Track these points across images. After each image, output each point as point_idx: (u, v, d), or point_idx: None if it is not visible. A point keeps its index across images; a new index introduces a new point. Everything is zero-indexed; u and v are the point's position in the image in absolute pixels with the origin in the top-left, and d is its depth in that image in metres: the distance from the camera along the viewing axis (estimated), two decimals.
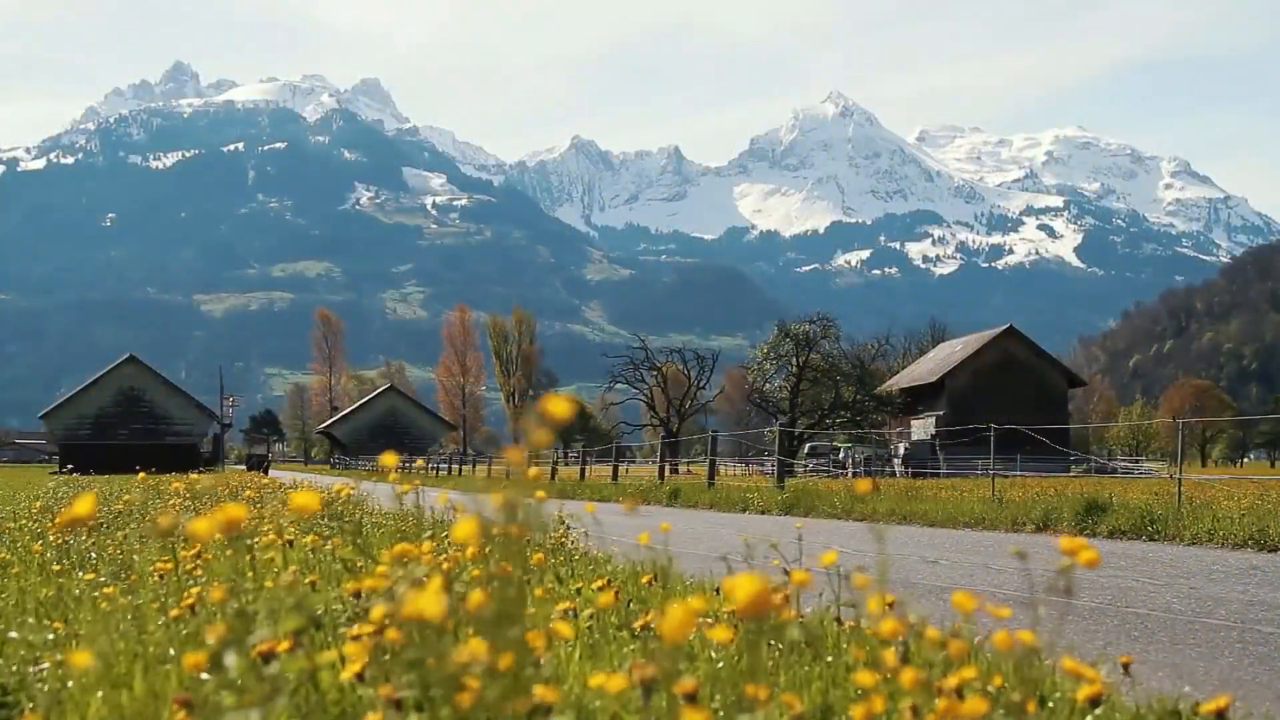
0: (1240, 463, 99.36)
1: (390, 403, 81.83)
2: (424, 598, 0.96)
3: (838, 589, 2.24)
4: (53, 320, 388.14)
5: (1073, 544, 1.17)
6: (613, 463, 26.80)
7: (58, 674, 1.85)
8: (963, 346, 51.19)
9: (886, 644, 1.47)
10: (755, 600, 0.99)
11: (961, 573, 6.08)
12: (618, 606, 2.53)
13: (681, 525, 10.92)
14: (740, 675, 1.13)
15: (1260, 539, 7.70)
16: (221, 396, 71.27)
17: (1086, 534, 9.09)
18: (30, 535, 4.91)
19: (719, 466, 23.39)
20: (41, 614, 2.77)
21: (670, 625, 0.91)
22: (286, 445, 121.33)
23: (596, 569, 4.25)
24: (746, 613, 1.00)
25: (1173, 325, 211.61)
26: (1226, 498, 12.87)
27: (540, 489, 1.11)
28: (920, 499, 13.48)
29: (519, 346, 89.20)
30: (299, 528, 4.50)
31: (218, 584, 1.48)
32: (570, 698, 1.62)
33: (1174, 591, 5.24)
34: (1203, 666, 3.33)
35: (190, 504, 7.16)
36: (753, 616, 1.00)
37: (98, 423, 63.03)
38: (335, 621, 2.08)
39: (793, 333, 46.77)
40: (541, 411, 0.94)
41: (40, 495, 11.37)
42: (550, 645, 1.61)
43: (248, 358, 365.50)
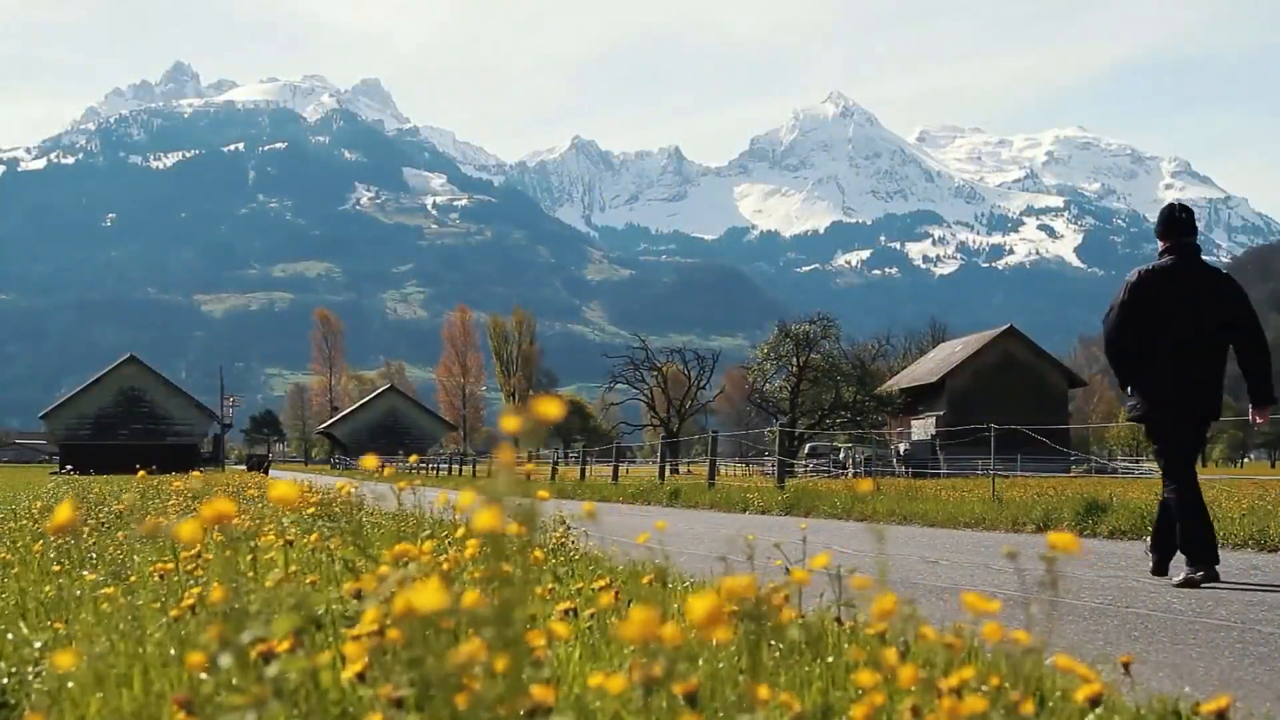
0: (1240, 463, 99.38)
1: (390, 403, 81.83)
2: (422, 592, 0.96)
3: (838, 589, 2.24)
4: (53, 320, 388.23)
5: (1060, 539, 1.17)
6: (613, 463, 26.78)
7: (57, 674, 1.85)
8: (963, 346, 51.19)
9: (887, 644, 1.47)
10: (714, 615, 1.00)
11: (962, 573, 6.08)
12: (618, 606, 2.53)
13: (682, 525, 10.91)
14: (741, 675, 1.14)
15: (1260, 539, 7.71)
16: (222, 396, 71.32)
17: (1087, 534, 9.09)
18: (30, 535, 4.91)
19: (719, 467, 23.38)
20: (42, 614, 2.77)
21: (696, 616, 0.95)
22: (287, 445, 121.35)
23: (596, 569, 4.25)
24: (706, 625, 1.01)
25: None
26: (1226, 498, 12.87)
27: (541, 489, 1.11)
28: (920, 499, 13.48)
29: (519, 347, 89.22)
30: (299, 528, 4.51)
31: (217, 584, 1.48)
32: (570, 698, 1.62)
33: (1174, 591, 5.24)
34: (1203, 666, 3.33)
35: (190, 504, 7.17)
36: (711, 628, 1.01)
37: (98, 423, 63.03)
38: (336, 621, 2.08)
39: (793, 333, 46.75)
40: (532, 411, 0.94)
41: (40, 495, 11.37)
42: (550, 645, 1.61)
43: (248, 358, 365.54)
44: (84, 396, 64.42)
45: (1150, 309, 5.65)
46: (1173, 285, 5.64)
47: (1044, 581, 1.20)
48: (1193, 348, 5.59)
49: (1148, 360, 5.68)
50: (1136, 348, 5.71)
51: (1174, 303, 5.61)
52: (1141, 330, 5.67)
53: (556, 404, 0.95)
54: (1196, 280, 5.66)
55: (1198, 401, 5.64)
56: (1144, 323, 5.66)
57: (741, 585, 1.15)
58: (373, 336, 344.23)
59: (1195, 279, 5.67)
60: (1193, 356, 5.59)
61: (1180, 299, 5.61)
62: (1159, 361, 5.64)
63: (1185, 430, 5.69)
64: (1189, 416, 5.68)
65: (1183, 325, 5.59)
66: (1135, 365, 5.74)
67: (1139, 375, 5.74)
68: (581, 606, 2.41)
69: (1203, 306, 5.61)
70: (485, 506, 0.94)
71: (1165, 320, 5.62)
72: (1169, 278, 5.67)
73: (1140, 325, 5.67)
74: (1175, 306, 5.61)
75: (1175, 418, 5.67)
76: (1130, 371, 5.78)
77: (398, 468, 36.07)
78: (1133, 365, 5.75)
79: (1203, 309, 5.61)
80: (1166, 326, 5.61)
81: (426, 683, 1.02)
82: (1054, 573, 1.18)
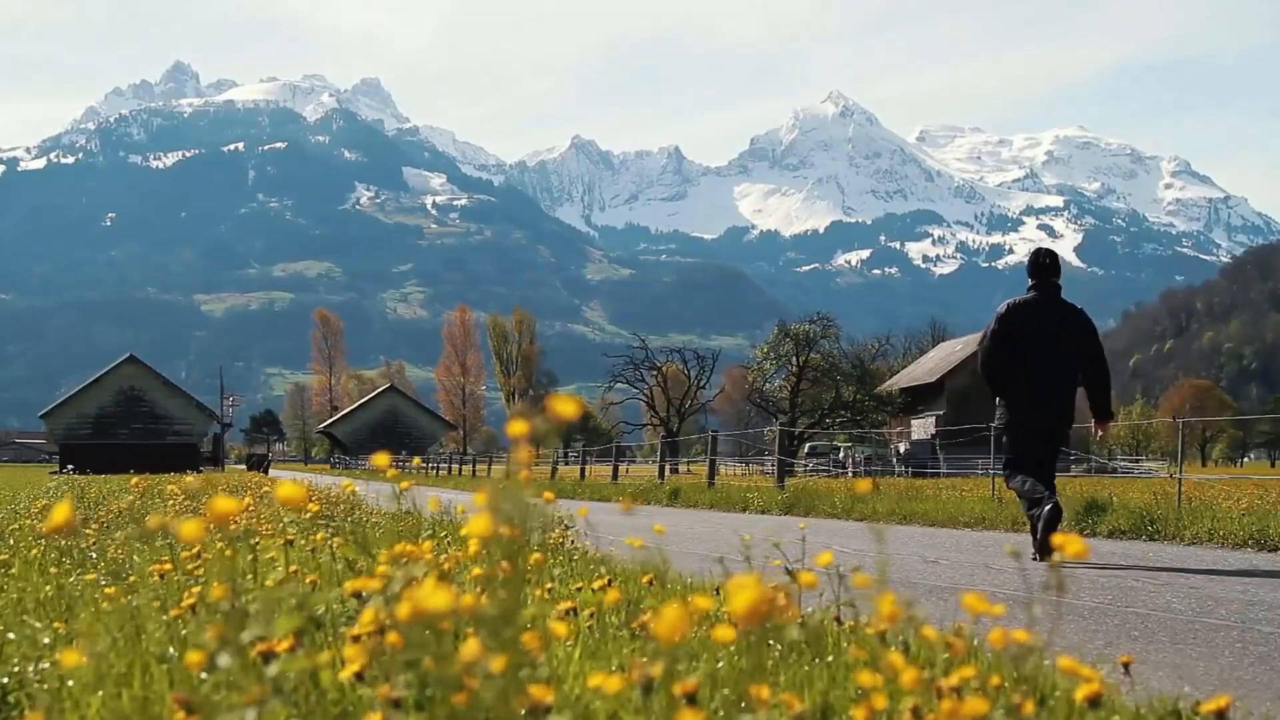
0: (1240, 463, 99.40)
1: (390, 403, 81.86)
2: (429, 593, 0.96)
3: (837, 589, 2.24)
4: (53, 320, 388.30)
5: (1063, 539, 1.18)
6: (613, 462, 26.77)
7: (56, 674, 1.85)
8: (963, 346, 51.18)
9: (887, 644, 1.47)
10: (755, 608, 0.99)
11: (962, 573, 6.09)
12: (618, 606, 2.53)
13: (682, 525, 10.92)
14: (741, 675, 1.14)
15: (1260, 539, 7.70)
16: (222, 396, 71.31)
17: (1087, 533, 9.09)
18: (30, 535, 4.91)
19: (719, 466, 23.37)
20: (41, 614, 2.77)
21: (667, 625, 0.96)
22: (287, 445, 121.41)
23: (596, 569, 4.25)
24: (748, 620, 0.99)
25: (1173, 325, 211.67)
26: (1226, 498, 12.87)
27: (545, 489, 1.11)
28: (920, 499, 13.47)
29: (519, 346, 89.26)
30: (299, 527, 4.50)
31: (217, 584, 1.48)
32: (570, 698, 1.62)
33: (1174, 591, 5.24)
34: (1203, 666, 3.34)
35: (190, 504, 7.17)
36: (754, 623, 0.99)
37: (98, 422, 63.03)
38: (335, 621, 2.08)
39: (793, 332, 46.76)
40: (548, 410, 0.94)
41: (40, 495, 11.36)
42: (549, 645, 1.61)
43: (248, 358, 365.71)
44: (84, 396, 64.41)
45: (1015, 336, 6.65)
46: (1034, 317, 6.67)
47: (1048, 584, 1.20)
48: (1047, 371, 6.60)
49: (1011, 379, 6.68)
50: (1003, 368, 6.70)
51: (1034, 332, 6.62)
52: (1007, 353, 6.67)
53: (573, 404, 0.95)
54: (1054, 314, 6.69)
55: (1049, 416, 6.65)
56: (1009, 347, 6.66)
57: (762, 586, 1.19)
58: (373, 336, 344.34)
59: (1053, 313, 6.69)
60: (1046, 378, 6.61)
61: (1040, 330, 6.63)
62: (1019, 381, 6.65)
63: (1037, 440, 6.63)
64: (1041, 428, 6.65)
65: (1040, 352, 6.61)
66: (1002, 382, 6.74)
67: (1004, 391, 6.75)
68: (581, 606, 2.41)
69: (1058, 336, 6.64)
70: (490, 510, 0.93)
71: (1026, 347, 6.62)
72: (1031, 311, 6.70)
73: (1006, 349, 6.67)
74: (1035, 336, 6.62)
75: (1029, 429, 6.66)
76: (998, 387, 6.79)
77: (400, 467, 36.06)
78: (1000, 382, 6.76)
79: (1058, 339, 6.63)
80: (1027, 352, 6.62)
81: (424, 683, 1.02)
82: (1059, 575, 1.18)
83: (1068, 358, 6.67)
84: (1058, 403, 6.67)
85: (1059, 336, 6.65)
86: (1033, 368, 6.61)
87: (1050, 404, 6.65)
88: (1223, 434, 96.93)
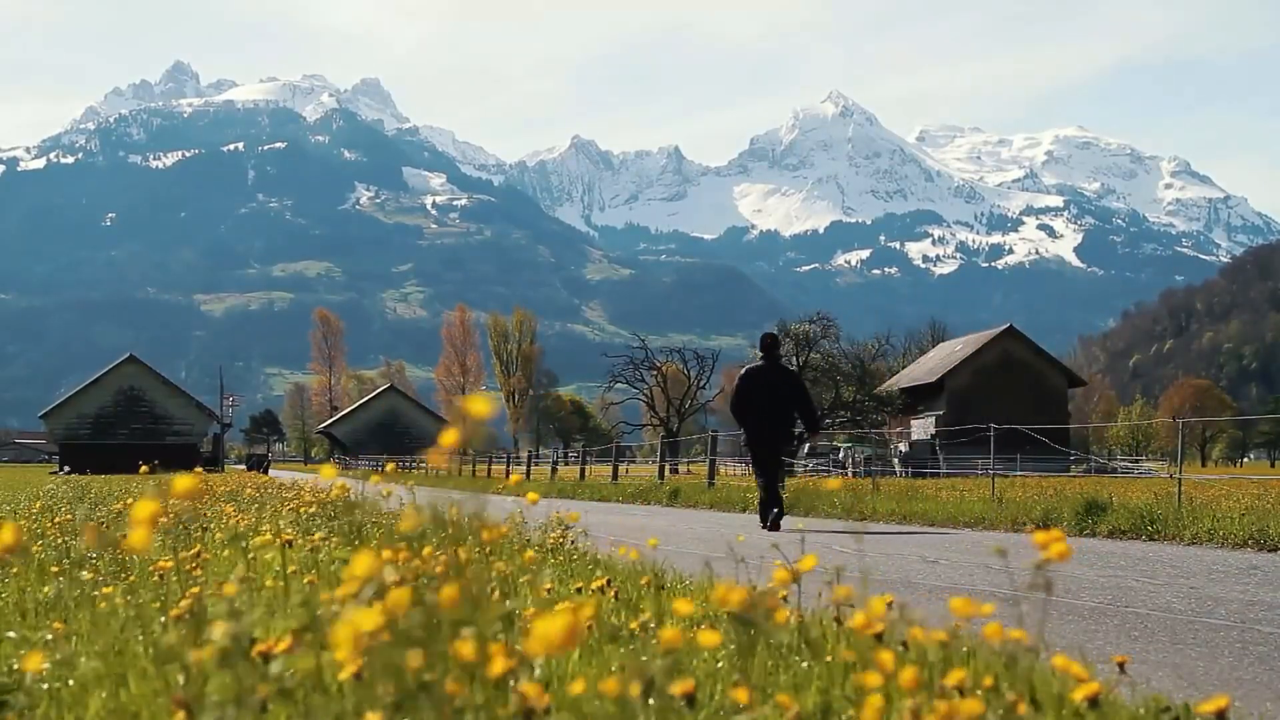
0: (1240, 463, 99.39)
1: (390, 403, 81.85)
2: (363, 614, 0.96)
3: (836, 589, 2.24)
4: (53, 320, 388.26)
5: (1046, 537, 1.19)
6: (612, 462, 26.79)
7: (55, 674, 1.84)
8: (963, 346, 51.18)
9: (885, 645, 1.47)
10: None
11: (961, 573, 6.09)
12: (616, 606, 2.53)
13: (682, 525, 10.93)
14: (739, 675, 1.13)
15: (1260, 539, 7.70)
16: (221, 396, 71.25)
17: (1086, 534, 9.09)
18: (30, 535, 4.91)
19: (719, 466, 23.38)
20: (41, 614, 2.77)
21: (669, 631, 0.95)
22: (286, 445, 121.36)
23: (595, 569, 4.25)
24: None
25: (1173, 325, 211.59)
26: (1226, 498, 12.87)
27: (531, 490, 1.11)
28: (920, 499, 13.49)
29: (519, 346, 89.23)
30: (297, 528, 4.51)
31: (217, 583, 1.48)
32: (566, 699, 1.62)
33: (1174, 591, 5.24)
34: (1203, 666, 3.34)
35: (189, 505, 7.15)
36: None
37: (98, 422, 63.02)
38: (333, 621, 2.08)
39: (793, 332, 46.75)
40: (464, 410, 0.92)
41: (40, 495, 11.36)
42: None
43: (248, 358, 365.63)
44: (84, 396, 64.41)
45: (750, 389, 10.37)
46: (761, 377, 10.39)
47: (1034, 584, 1.21)
48: (769, 411, 10.32)
49: (749, 415, 10.38)
50: (745, 409, 10.38)
51: (760, 386, 10.34)
52: (747, 399, 10.36)
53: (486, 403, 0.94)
54: (774, 376, 10.41)
55: (771, 439, 10.38)
56: (747, 395, 10.36)
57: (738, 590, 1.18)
58: (373, 336, 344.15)
59: (773, 375, 10.41)
60: (768, 416, 10.32)
61: (764, 385, 10.34)
62: (752, 417, 10.36)
63: (764, 451, 10.32)
64: (766, 444, 10.37)
65: (764, 399, 10.31)
66: (744, 418, 10.42)
67: (744, 423, 10.46)
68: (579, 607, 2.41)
69: (776, 387, 10.35)
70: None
71: (756, 395, 10.32)
72: (760, 373, 10.43)
73: (746, 396, 10.37)
74: (761, 389, 10.32)
75: (758, 446, 10.40)
76: (741, 420, 10.52)
77: (401, 467, 36.07)
78: (742, 417, 10.45)
79: (776, 389, 10.34)
80: (757, 399, 10.32)
81: (409, 690, 1.01)
82: (1045, 574, 1.19)
83: (783, 401, 10.34)
84: (775, 431, 10.38)
85: (778, 387, 10.33)
86: (760, 409, 10.29)
87: (770, 432, 10.36)
88: (1222, 434, 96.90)
